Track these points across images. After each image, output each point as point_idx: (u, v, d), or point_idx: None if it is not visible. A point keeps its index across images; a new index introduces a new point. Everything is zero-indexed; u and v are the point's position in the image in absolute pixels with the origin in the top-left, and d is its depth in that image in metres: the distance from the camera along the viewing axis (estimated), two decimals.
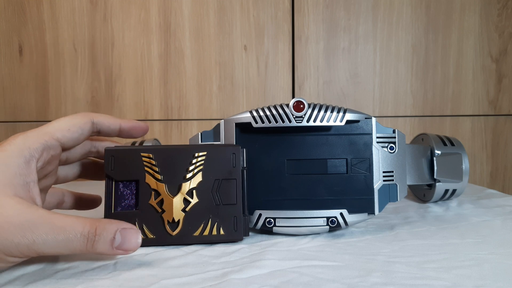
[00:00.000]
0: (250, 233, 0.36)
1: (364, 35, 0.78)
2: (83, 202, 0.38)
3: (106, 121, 0.32)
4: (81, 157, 0.35)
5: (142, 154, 0.33)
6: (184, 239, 0.32)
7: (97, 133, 0.33)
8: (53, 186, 0.34)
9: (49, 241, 0.24)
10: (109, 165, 0.33)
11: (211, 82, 0.77)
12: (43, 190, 0.32)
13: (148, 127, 0.35)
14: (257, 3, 0.77)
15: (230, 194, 0.33)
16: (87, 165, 0.37)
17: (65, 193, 0.36)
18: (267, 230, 0.36)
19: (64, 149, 0.30)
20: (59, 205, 0.36)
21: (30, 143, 0.27)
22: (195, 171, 0.33)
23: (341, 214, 0.35)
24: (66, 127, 0.30)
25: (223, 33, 0.77)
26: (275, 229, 0.35)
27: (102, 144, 0.35)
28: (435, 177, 0.45)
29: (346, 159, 0.36)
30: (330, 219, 0.35)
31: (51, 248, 0.24)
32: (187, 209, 0.33)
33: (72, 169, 0.35)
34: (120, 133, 0.34)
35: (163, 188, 0.33)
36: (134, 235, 0.27)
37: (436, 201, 0.49)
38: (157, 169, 0.33)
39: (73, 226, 0.25)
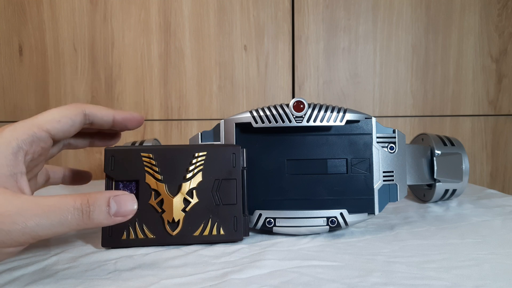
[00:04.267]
0: (250, 233, 0.36)
1: (364, 35, 0.78)
2: (73, 176, 0.37)
3: (99, 112, 0.31)
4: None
5: (142, 154, 0.33)
6: (184, 239, 0.32)
7: (89, 124, 0.31)
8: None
9: (41, 222, 0.23)
10: (109, 165, 0.32)
11: (211, 82, 0.77)
12: (33, 179, 0.32)
13: (143, 118, 0.33)
14: (257, 3, 0.77)
15: (230, 194, 0.33)
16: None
17: (48, 169, 0.36)
18: (267, 230, 0.36)
19: (55, 141, 0.29)
20: (46, 182, 0.35)
21: (18, 135, 0.26)
22: (195, 171, 0.33)
23: (341, 214, 0.35)
24: (57, 118, 0.28)
25: (223, 33, 0.77)
26: (275, 229, 0.35)
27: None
28: (435, 177, 0.45)
29: (346, 159, 0.36)
30: (330, 219, 0.35)
31: (45, 229, 0.24)
32: (187, 209, 0.33)
33: (58, 145, 0.34)
34: (114, 125, 0.32)
35: (163, 188, 0.33)
36: (129, 198, 0.26)
37: (436, 201, 0.49)
38: (157, 169, 0.33)
39: (63, 202, 0.24)
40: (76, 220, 0.24)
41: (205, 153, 0.33)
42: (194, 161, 0.33)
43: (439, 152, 0.46)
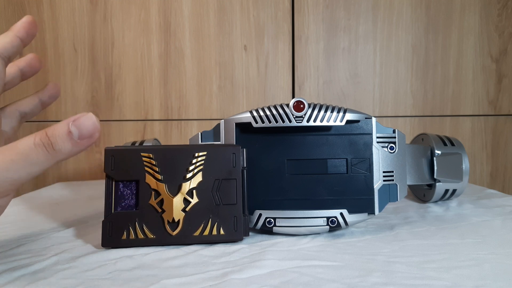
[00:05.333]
0: (250, 233, 0.36)
1: (364, 35, 0.78)
2: (46, 97, 0.37)
3: (4, 42, 0.30)
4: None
5: (142, 154, 0.33)
6: (184, 239, 0.32)
7: (8, 60, 0.31)
8: None
9: (10, 167, 0.23)
10: (109, 165, 0.32)
11: (211, 82, 0.77)
12: None
13: (32, 17, 0.32)
14: (257, 3, 0.77)
15: (230, 194, 0.33)
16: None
17: (18, 107, 0.35)
18: (267, 230, 0.36)
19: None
20: (21, 120, 0.35)
21: None
22: (195, 171, 0.33)
23: (341, 214, 0.35)
24: None
25: (223, 33, 0.77)
26: (275, 229, 0.35)
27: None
28: (435, 177, 0.45)
29: (346, 159, 0.36)
30: (330, 219, 0.35)
31: (16, 172, 0.23)
32: (187, 209, 0.33)
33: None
34: (24, 42, 0.32)
35: (163, 188, 0.33)
36: (87, 118, 0.25)
37: (436, 201, 0.49)
38: (157, 169, 0.33)
39: (23, 142, 0.24)
40: (43, 156, 0.24)
41: (205, 153, 0.33)
42: (194, 161, 0.33)
43: (439, 152, 0.46)
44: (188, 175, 0.33)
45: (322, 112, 0.35)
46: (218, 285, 0.25)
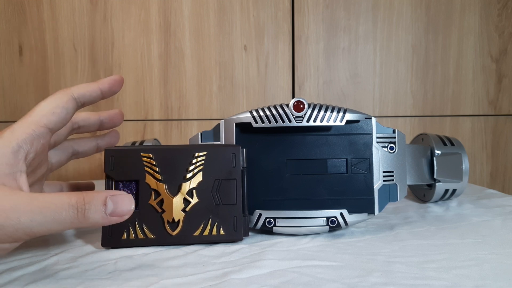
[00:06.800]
0: (250, 233, 0.36)
1: (364, 35, 0.78)
2: (81, 190, 0.38)
3: (86, 90, 0.31)
4: (67, 135, 0.34)
5: (142, 154, 0.33)
6: (184, 239, 0.32)
7: (81, 105, 0.32)
8: (51, 181, 0.35)
9: (36, 218, 0.23)
10: (109, 165, 0.32)
11: (211, 82, 0.77)
12: (39, 180, 0.32)
13: (122, 77, 0.34)
14: (257, 3, 0.77)
15: (230, 194, 0.33)
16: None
17: (63, 185, 0.36)
18: (267, 230, 0.36)
19: (53, 133, 0.30)
20: None
21: (17, 135, 0.26)
22: (195, 171, 0.33)
23: (341, 214, 0.35)
24: (50, 110, 0.29)
25: (223, 33, 0.77)
26: (275, 229, 0.35)
27: (81, 117, 0.35)
28: (435, 177, 0.45)
29: (346, 159, 0.36)
30: (330, 219, 0.35)
31: (39, 225, 0.23)
32: (187, 209, 0.33)
33: (63, 152, 0.35)
34: (103, 95, 0.33)
35: (163, 188, 0.33)
36: (126, 198, 0.25)
37: (436, 201, 0.49)
38: (157, 169, 0.33)
39: (59, 199, 0.24)
40: (71, 218, 0.24)
41: (205, 153, 0.33)
42: (194, 161, 0.33)
43: (439, 152, 0.46)
44: (188, 175, 0.33)
45: (322, 112, 0.35)
46: (218, 285, 0.25)
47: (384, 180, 0.36)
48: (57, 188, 0.36)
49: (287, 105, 0.35)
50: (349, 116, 0.35)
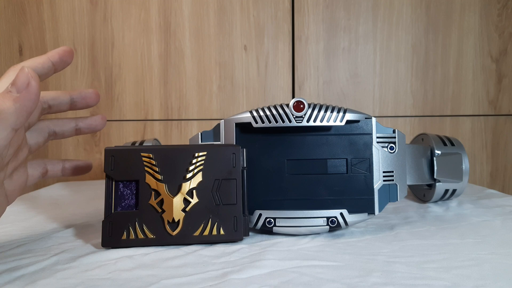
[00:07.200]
0: (250, 233, 0.36)
1: (364, 35, 0.78)
2: (73, 167, 0.37)
3: (37, 63, 0.31)
4: (39, 116, 0.34)
5: (142, 154, 0.33)
6: (184, 239, 0.32)
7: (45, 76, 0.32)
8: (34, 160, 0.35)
9: None
10: (109, 165, 0.32)
11: (211, 82, 0.77)
12: (21, 165, 0.32)
13: (71, 48, 0.34)
14: (257, 3, 0.77)
15: (230, 194, 0.33)
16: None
17: (46, 162, 0.36)
18: (267, 230, 0.36)
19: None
20: (43, 175, 0.35)
21: None
22: (195, 171, 0.33)
23: (341, 214, 0.35)
24: (6, 91, 0.28)
25: (223, 33, 0.77)
26: (275, 229, 0.35)
27: (50, 96, 0.35)
28: (435, 177, 0.45)
29: (346, 159, 0.36)
30: (330, 219, 0.35)
31: None
32: (187, 209, 0.33)
33: (40, 133, 0.35)
34: (55, 67, 0.32)
35: (163, 188, 0.33)
36: (20, 72, 0.26)
37: (436, 201, 0.49)
38: (157, 169, 0.33)
39: None
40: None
41: (205, 153, 0.33)
42: (194, 161, 0.33)
43: (439, 152, 0.46)
44: (188, 175, 0.33)
45: (322, 112, 0.35)
46: (218, 285, 0.25)
47: (384, 180, 0.36)
48: (40, 166, 0.35)
49: (287, 105, 0.35)
50: (349, 116, 0.35)
